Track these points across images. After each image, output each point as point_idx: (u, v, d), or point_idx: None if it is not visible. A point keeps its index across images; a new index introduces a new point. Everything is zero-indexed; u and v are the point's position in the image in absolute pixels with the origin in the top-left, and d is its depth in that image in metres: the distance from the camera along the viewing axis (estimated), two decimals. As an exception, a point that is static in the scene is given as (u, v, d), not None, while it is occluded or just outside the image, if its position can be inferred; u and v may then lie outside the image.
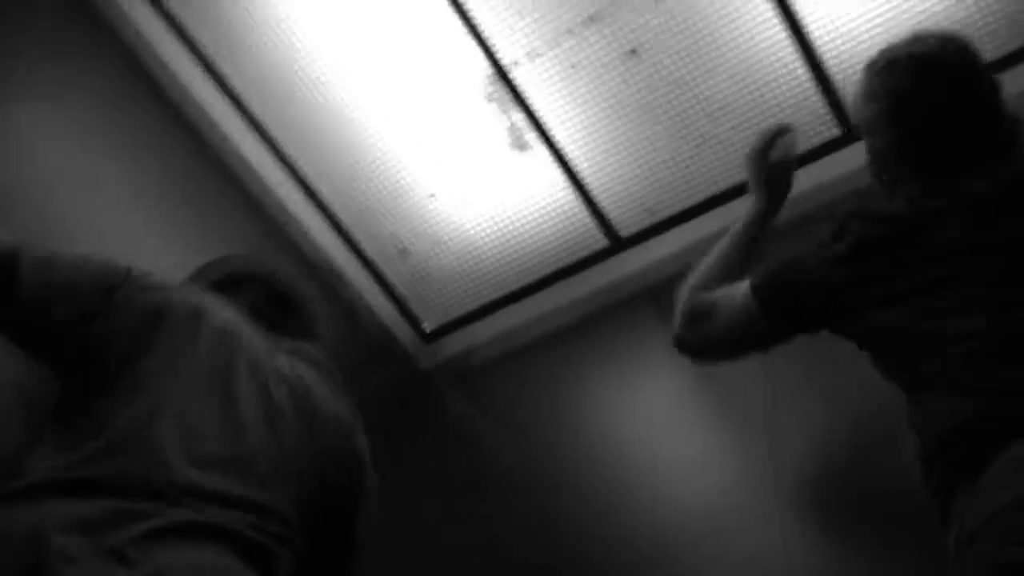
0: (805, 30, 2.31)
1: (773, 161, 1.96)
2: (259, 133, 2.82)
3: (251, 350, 1.52)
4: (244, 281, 1.83)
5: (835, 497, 1.85)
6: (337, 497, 1.59)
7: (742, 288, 1.78)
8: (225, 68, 2.73)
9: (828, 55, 2.32)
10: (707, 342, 1.84)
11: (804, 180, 2.53)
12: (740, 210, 2.61)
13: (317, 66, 2.69)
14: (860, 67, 2.32)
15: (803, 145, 2.48)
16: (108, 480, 1.22)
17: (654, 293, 2.76)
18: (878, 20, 2.23)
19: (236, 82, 2.75)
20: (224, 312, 1.57)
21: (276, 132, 2.81)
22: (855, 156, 2.42)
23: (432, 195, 2.83)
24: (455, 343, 3.10)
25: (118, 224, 2.59)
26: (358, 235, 2.92)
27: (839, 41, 2.30)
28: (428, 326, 3.09)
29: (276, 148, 2.83)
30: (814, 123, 2.42)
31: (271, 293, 1.84)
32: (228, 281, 1.83)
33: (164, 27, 2.70)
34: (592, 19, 2.41)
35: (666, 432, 2.46)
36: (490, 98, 2.61)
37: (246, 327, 1.58)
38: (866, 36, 2.26)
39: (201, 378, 1.41)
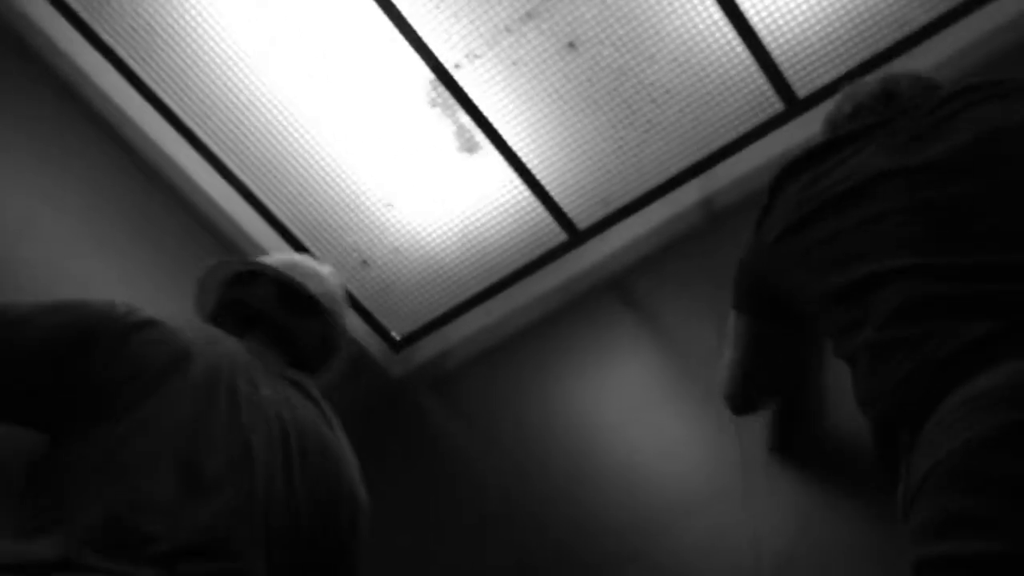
0: (741, 8, 2.32)
1: None
2: (208, 158, 2.79)
3: (234, 391, 1.44)
4: (256, 280, 1.79)
5: (801, 478, 1.86)
6: (327, 551, 1.54)
7: (729, 320, 1.84)
8: (169, 97, 2.71)
9: (764, 32, 2.32)
10: (739, 386, 1.87)
11: (753, 157, 2.55)
12: (691, 195, 2.65)
13: (260, 86, 2.67)
14: (797, 41, 2.35)
15: (748, 122, 2.50)
16: (71, 551, 1.15)
17: (616, 282, 2.77)
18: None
19: (182, 111, 2.73)
20: (213, 352, 1.48)
21: (225, 156, 2.79)
22: (801, 129, 2.44)
23: (389, 204, 2.82)
24: (425, 349, 3.10)
25: (75, 260, 2.57)
26: (317, 250, 2.91)
27: (776, 16, 2.30)
28: (396, 334, 3.08)
29: (226, 171, 2.81)
30: (758, 100, 2.43)
31: (284, 296, 1.78)
32: (239, 278, 1.79)
33: (102, 59, 2.67)
34: (529, 15, 2.41)
35: (637, 419, 2.46)
36: (434, 103, 2.61)
37: (233, 366, 1.49)
38: (802, 10, 2.27)
39: (179, 436, 1.33)
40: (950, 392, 1.10)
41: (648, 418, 2.41)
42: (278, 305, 1.77)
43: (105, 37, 2.62)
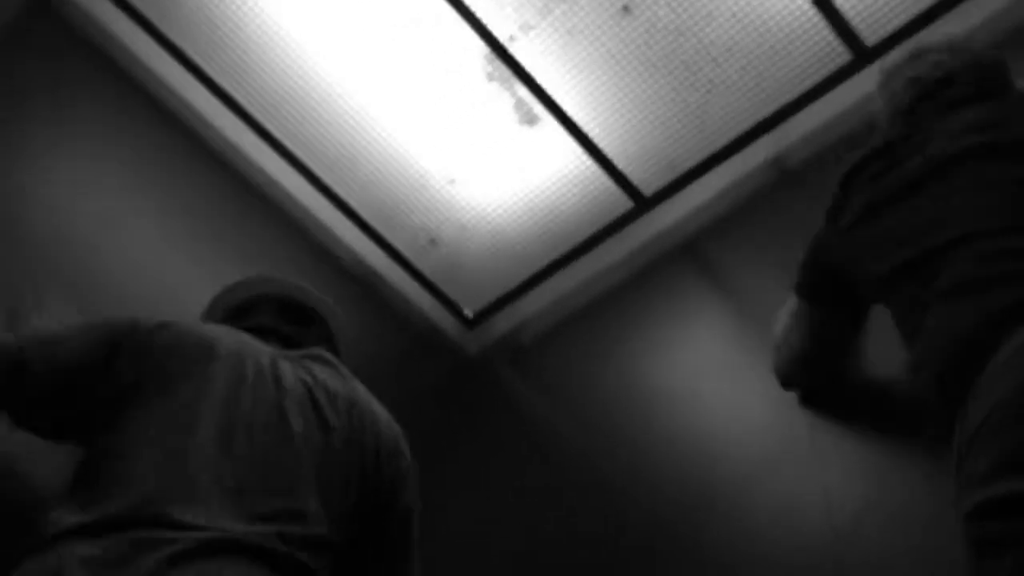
0: (799, -42, 2.23)
1: None
2: (276, 148, 2.82)
3: (260, 368, 1.53)
4: (257, 304, 1.85)
5: (870, 438, 1.82)
6: (376, 493, 1.59)
7: (788, 303, 1.86)
8: (236, 91, 2.74)
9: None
10: (795, 370, 1.90)
11: (823, 111, 2.46)
12: (760, 154, 2.58)
13: (320, 74, 2.67)
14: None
15: (815, 76, 2.42)
16: (127, 515, 1.24)
17: (687, 247, 2.72)
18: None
19: (248, 103, 2.76)
20: (233, 337, 1.58)
21: (292, 144, 2.81)
22: (870, 79, 2.34)
23: (452, 181, 2.82)
24: (499, 325, 3.10)
25: (156, 254, 2.64)
26: (386, 233, 2.92)
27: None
28: (469, 312, 3.09)
29: (294, 159, 2.83)
30: (824, 51, 2.34)
31: (284, 310, 1.85)
32: (240, 309, 1.85)
33: (180, 66, 2.72)
34: (580, -19, 2.36)
35: (711, 383, 2.43)
36: (491, 77, 2.58)
37: (255, 347, 1.59)
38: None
39: (214, 408, 1.43)
40: (1004, 341, 1.06)
41: (721, 382, 2.38)
42: (280, 318, 1.85)
43: (172, 36, 2.66)
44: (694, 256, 2.73)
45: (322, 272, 2.93)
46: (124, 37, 2.67)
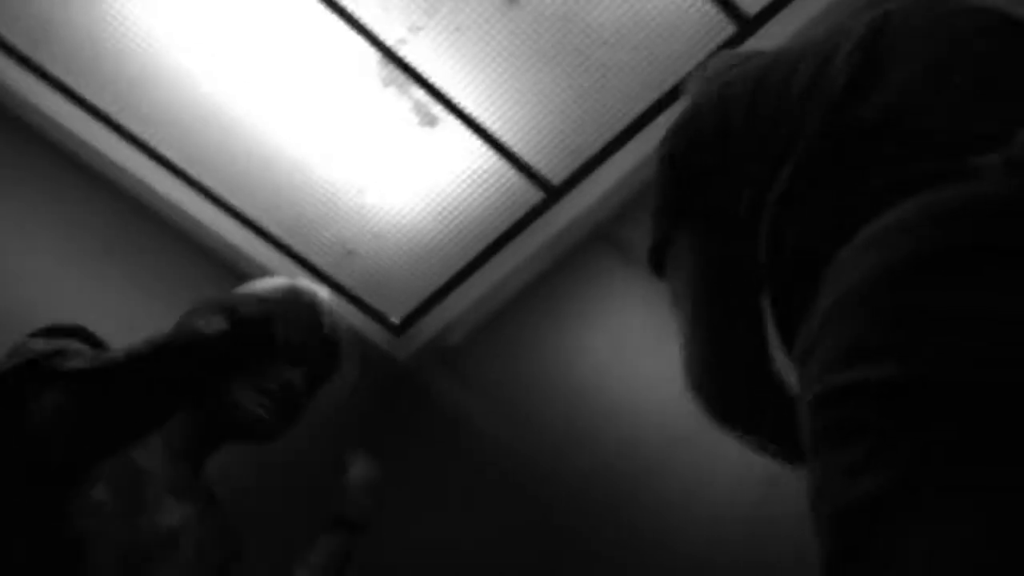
0: (674, -65, 2.26)
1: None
2: (179, 176, 2.77)
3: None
4: None
5: None
6: None
7: None
8: (127, 120, 2.68)
9: (703, -47, 2.26)
10: None
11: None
12: (662, 132, 2.60)
13: (214, 96, 2.64)
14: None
15: (705, 49, 2.45)
16: None
17: (602, 231, 2.74)
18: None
19: (141, 129, 2.71)
20: None
21: (195, 170, 2.77)
22: (756, 47, 2.38)
23: (361, 190, 2.80)
24: (426, 328, 3.09)
25: (56, 285, 2.58)
26: (301, 248, 2.89)
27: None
28: (395, 318, 3.07)
29: (199, 185, 2.79)
30: (710, 25, 2.37)
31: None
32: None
33: (60, 97, 2.65)
34: (463, -23, 2.36)
35: (637, 363, 2.46)
36: (386, 82, 2.57)
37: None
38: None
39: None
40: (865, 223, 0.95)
41: (645, 361, 2.41)
42: None
43: (52, 69, 2.60)
44: (609, 240, 2.75)
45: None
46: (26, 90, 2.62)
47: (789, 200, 1.07)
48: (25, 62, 2.58)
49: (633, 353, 2.59)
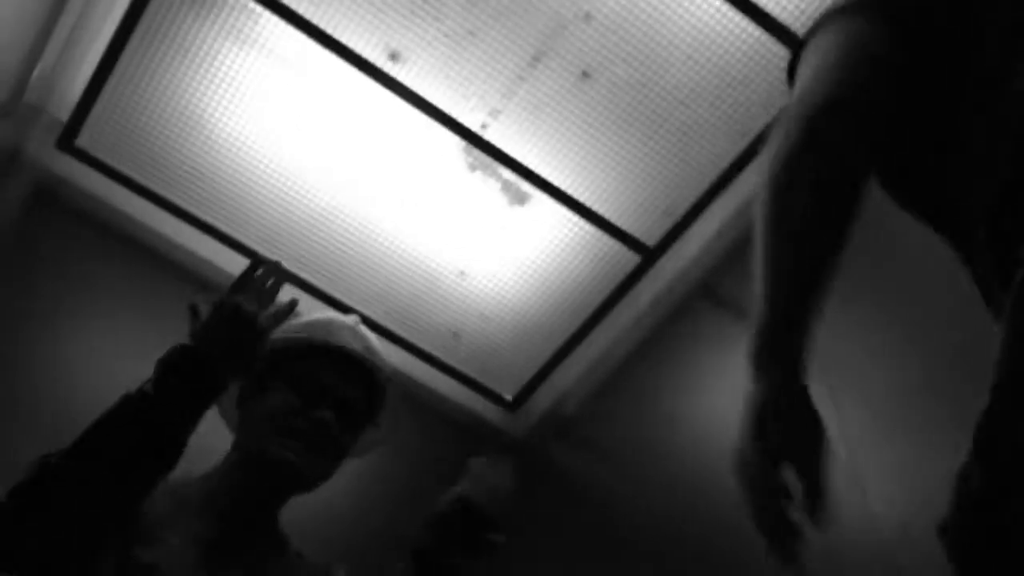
0: (738, -11, 2.27)
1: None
2: (288, 277, 2.88)
3: None
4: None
5: (910, 467, 1.79)
6: None
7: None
8: (233, 230, 2.82)
9: (772, 5, 2.27)
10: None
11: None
12: (750, 182, 2.59)
13: (316, 195, 2.75)
14: (807, 5, 2.28)
15: (780, 99, 2.43)
16: None
17: (702, 286, 2.73)
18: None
19: (248, 237, 2.83)
20: None
21: (303, 271, 2.88)
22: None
23: (461, 273, 2.86)
24: (540, 402, 3.10)
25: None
26: (409, 336, 2.96)
27: (776, -12, 2.25)
28: (508, 395, 3.10)
29: (309, 285, 2.89)
30: (782, 72, 2.35)
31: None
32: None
33: (167, 214, 2.81)
34: (535, 59, 2.42)
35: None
36: (473, 167, 2.64)
37: None
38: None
39: None
40: None
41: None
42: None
43: (163, 191, 2.77)
44: (710, 295, 2.73)
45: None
46: (127, 206, 2.79)
47: None
48: (141, 189, 2.76)
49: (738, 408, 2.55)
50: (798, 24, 2.29)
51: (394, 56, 2.47)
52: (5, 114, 2.51)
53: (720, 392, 2.68)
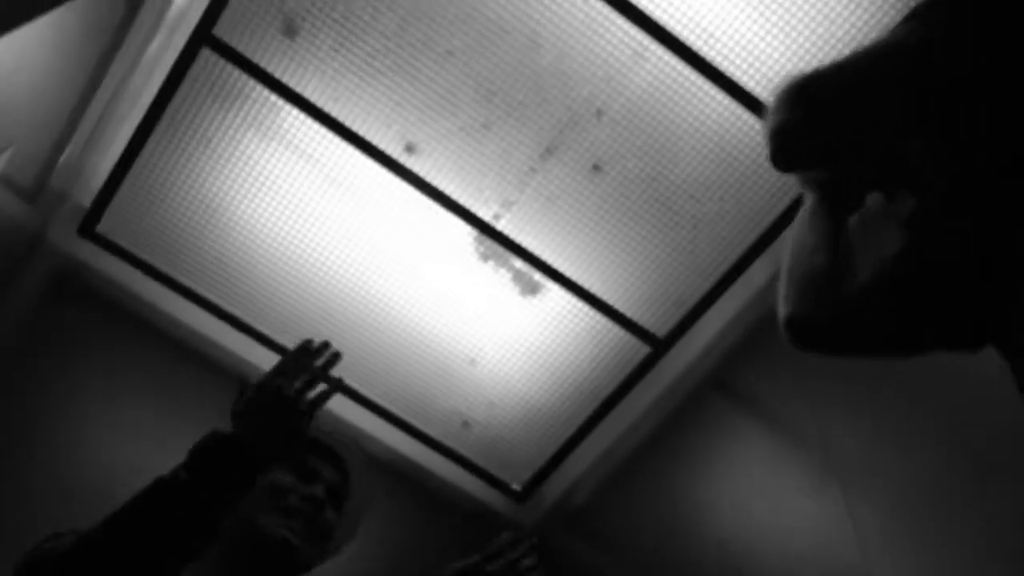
0: (746, 88, 2.33)
1: None
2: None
3: None
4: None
5: (925, 560, 1.76)
6: None
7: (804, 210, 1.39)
8: (251, 317, 2.85)
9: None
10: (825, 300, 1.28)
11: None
12: (761, 273, 2.62)
13: (335, 284, 2.79)
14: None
15: (793, 190, 2.48)
16: None
17: (712, 378, 2.74)
18: (801, 54, 2.25)
19: (265, 327, 2.87)
20: None
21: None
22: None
23: (472, 361, 2.88)
24: (549, 493, 3.08)
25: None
26: (418, 424, 2.96)
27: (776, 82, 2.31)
28: (516, 485, 3.08)
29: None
30: (793, 167, 2.40)
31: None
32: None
33: (186, 301, 2.85)
34: (548, 151, 2.48)
35: (764, 512, 2.39)
36: (485, 257, 2.68)
37: None
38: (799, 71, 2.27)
39: None
40: None
41: (772, 511, 2.34)
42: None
43: (182, 278, 2.81)
44: (721, 387, 2.74)
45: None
46: (146, 292, 2.84)
47: None
48: (160, 276, 2.80)
49: (759, 502, 2.53)
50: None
51: (410, 148, 2.53)
52: (30, 199, 2.56)
53: (732, 481, 2.66)
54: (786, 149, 1.18)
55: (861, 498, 2.00)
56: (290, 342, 2.88)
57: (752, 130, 2.39)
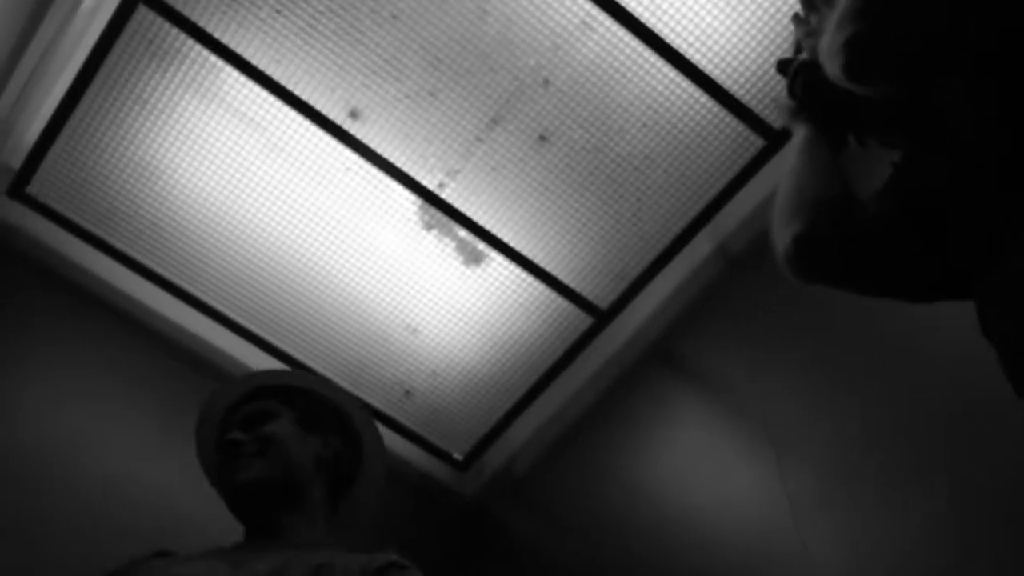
0: (693, 61, 2.34)
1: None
2: (238, 331, 2.87)
3: None
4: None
5: (858, 529, 1.81)
6: None
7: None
8: (185, 281, 2.80)
9: (724, 78, 2.34)
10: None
11: (751, 196, 2.54)
12: (702, 247, 2.64)
13: (269, 247, 2.75)
14: (756, 77, 2.36)
15: (735, 165, 2.50)
16: None
17: (654, 349, 2.76)
18: (754, 29, 2.25)
19: (202, 293, 2.81)
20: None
21: (252, 324, 2.86)
22: (788, 159, 2.42)
23: (413, 330, 2.86)
24: (490, 462, 3.09)
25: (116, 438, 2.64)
26: (360, 392, 2.94)
27: (729, 60, 2.32)
28: (458, 455, 3.08)
29: (257, 338, 2.87)
30: (737, 142, 2.42)
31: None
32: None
33: (117, 264, 2.79)
34: (494, 121, 2.46)
35: (704, 479, 2.44)
36: (429, 225, 2.66)
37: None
38: (752, 47, 2.28)
39: None
40: None
41: (711, 478, 2.39)
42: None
43: (118, 244, 2.74)
44: (663, 358, 2.76)
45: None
46: (76, 255, 2.76)
47: None
48: (92, 238, 2.73)
49: (699, 470, 2.57)
50: (749, 96, 2.36)
51: (354, 114, 2.49)
52: (-44, 159, 2.48)
53: (672, 451, 2.69)
54: (863, 60, 1.13)
55: (795, 467, 2.05)
56: (228, 308, 2.84)
57: (698, 105, 2.40)
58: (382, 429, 2.95)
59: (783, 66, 1.39)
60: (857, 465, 1.90)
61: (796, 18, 1.37)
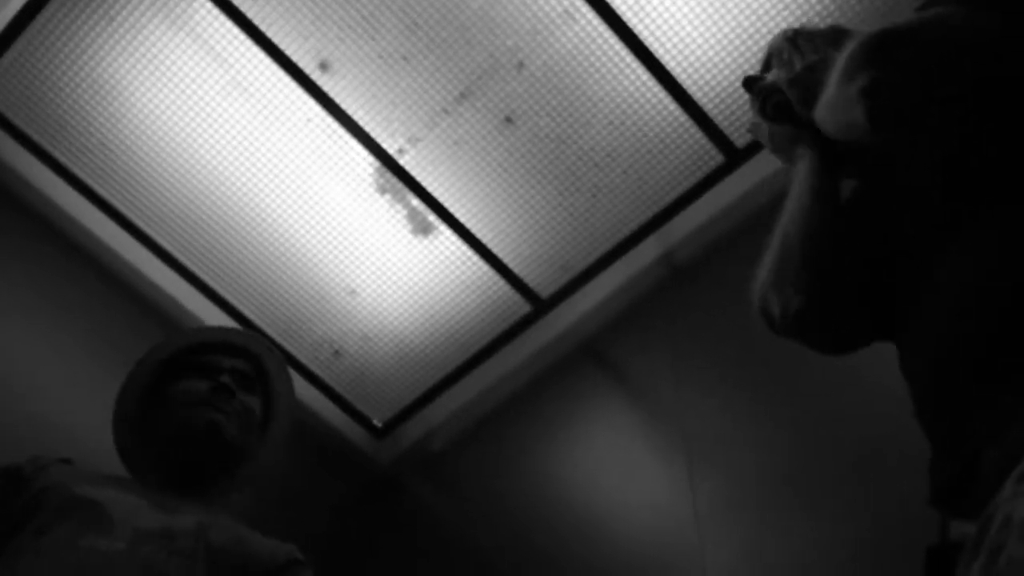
0: (667, 67, 2.35)
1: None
2: (173, 266, 2.82)
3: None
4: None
5: (760, 533, 1.85)
6: None
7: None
8: (132, 212, 2.74)
9: (695, 89, 2.35)
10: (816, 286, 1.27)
11: (704, 209, 2.56)
12: (649, 252, 2.66)
13: (216, 190, 2.70)
14: (727, 94, 2.38)
15: (693, 176, 2.52)
16: None
17: (586, 345, 2.77)
18: (731, 46, 2.27)
19: (146, 224, 2.76)
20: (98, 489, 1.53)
21: (189, 261, 2.82)
22: (745, 178, 2.45)
23: (352, 292, 2.84)
24: (409, 433, 3.08)
25: (48, 369, 2.59)
26: (288, 346, 2.92)
27: (703, 72, 2.33)
28: (378, 421, 3.07)
29: (190, 274, 2.83)
30: (699, 154, 2.44)
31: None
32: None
33: (70, 187, 2.72)
34: (463, 95, 2.45)
35: (614, 479, 2.46)
36: (383, 189, 2.64)
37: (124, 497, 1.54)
38: (726, 63, 2.30)
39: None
40: None
41: (622, 479, 2.42)
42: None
43: (63, 159, 2.67)
44: (593, 355, 2.78)
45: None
46: (21, 166, 2.69)
47: None
48: (39, 151, 2.66)
49: (610, 471, 2.59)
50: (717, 111, 2.38)
51: (324, 66, 2.46)
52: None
53: (588, 449, 2.72)
54: (889, 107, 1.10)
55: (706, 480, 2.08)
56: (165, 239, 2.78)
57: (665, 111, 2.41)
58: (305, 385, 2.97)
59: (749, 83, 1.39)
60: (768, 484, 1.94)
61: (777, 59, 1.37)
